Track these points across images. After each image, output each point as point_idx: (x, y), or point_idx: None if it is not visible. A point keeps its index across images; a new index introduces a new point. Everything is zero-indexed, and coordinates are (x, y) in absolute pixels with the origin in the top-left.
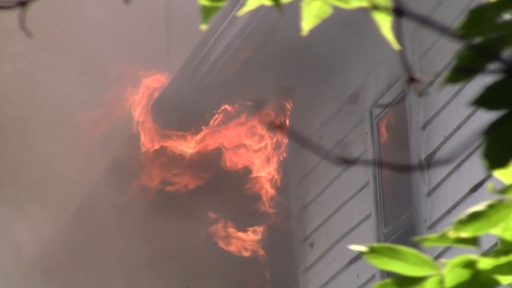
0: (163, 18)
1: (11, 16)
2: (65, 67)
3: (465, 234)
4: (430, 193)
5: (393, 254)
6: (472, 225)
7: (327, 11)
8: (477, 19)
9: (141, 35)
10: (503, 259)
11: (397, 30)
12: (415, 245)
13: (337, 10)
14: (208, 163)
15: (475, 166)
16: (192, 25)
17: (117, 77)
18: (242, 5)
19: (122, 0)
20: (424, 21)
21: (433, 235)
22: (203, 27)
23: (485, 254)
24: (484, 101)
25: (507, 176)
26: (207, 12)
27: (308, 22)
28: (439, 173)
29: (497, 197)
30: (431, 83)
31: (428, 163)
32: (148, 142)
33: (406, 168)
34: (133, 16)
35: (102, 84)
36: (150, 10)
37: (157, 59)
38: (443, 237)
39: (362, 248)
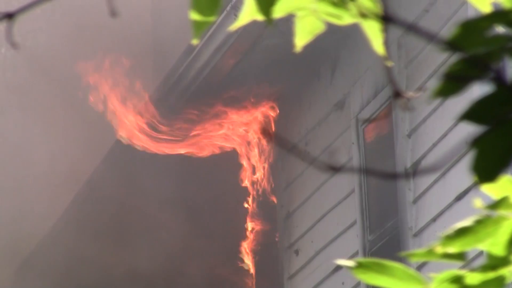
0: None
1: None
2: None
3: (452, 249)
4: (415, 201)
5: (381, 269)
6: (460, 241)
7: (320, 27)
8: (468, 32)
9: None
10: (491, 274)
11: (384, 41)
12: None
13: None
14: (194, 169)
15: (461, 174)
16: (178, 32)
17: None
18: (229, 11)
19: (109, 11)
20: (411, 28)
21: (420, 250)
22: (195, 41)
23: (473, 269)
24: (473, 115)
25: (495, 190)
26: (198, 27)
27: (301, 39)
28: (424, 180)
29: (484, 212)
30: (417, 98)
31: (414, 171)
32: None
33: (391, 176)
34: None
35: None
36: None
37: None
38: (430, 252)
39: (349, 262)
